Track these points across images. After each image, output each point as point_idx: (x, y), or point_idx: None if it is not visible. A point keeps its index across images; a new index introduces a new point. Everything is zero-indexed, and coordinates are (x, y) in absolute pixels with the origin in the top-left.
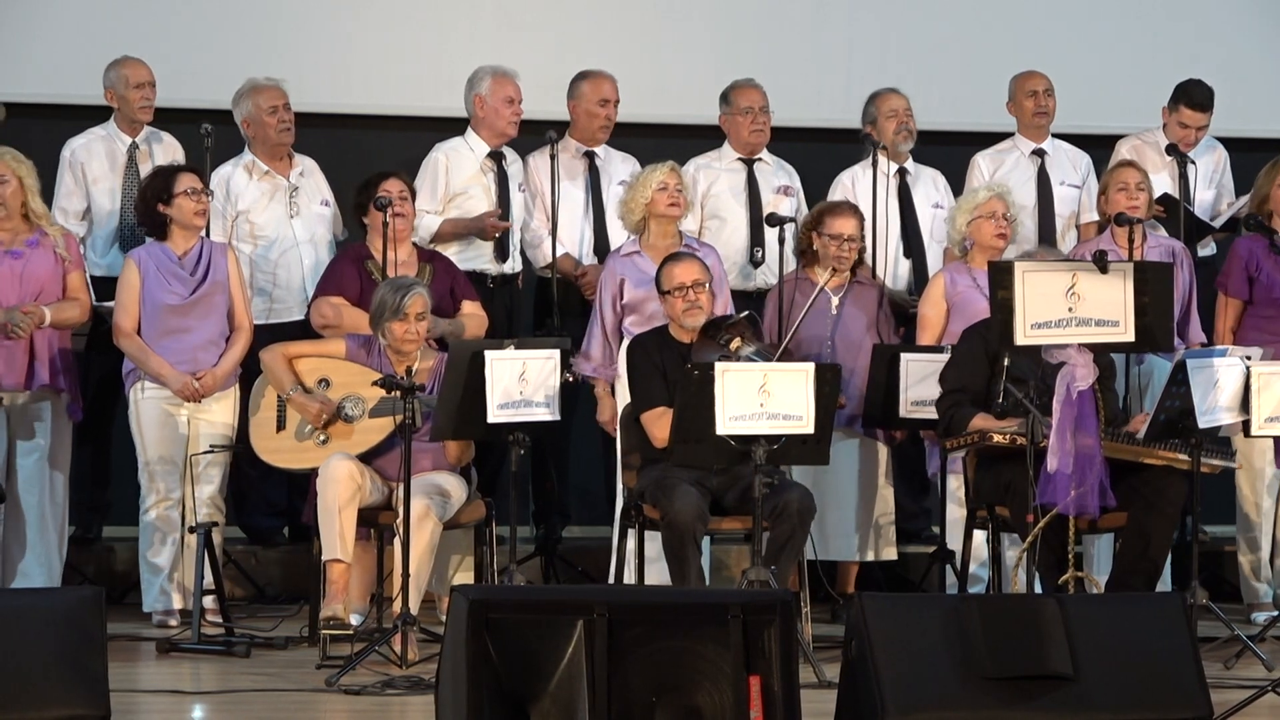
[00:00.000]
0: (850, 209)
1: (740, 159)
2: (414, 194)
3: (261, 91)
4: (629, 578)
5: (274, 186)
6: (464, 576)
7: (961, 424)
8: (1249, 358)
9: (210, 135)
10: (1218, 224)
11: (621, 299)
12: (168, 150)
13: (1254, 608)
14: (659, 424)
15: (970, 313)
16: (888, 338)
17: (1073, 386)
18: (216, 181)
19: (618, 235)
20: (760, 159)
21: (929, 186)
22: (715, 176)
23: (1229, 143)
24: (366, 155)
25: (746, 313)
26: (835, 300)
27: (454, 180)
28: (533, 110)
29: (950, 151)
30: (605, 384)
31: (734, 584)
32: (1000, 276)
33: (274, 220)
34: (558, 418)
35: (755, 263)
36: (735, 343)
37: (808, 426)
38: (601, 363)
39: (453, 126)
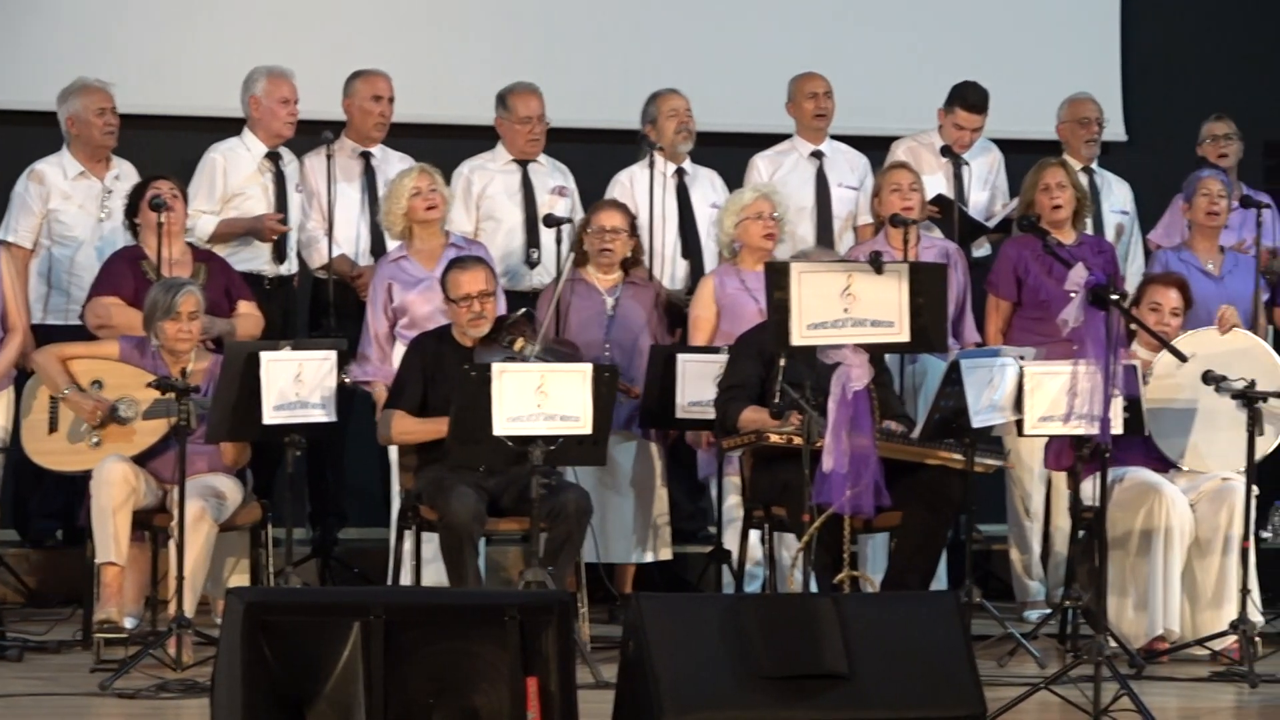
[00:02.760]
0: (616, 204)
1: (515, 160)
2: (186, 195)
3: (91, 92)
4: (406, 579)
5: (88, 188)
6: (240, 579)
7: (735, 417)
8: (1022, 358)
9: None
10: (992, 225)
11: (391, 303)
12: None
13: (1026, 605)
14: (394, 422)
15: (740, 314)
16: (662, 338)
17: (848, 386)
18: (31, 178)
19: None
20: (535, 160)
21: (707, 187)
22: (490, 178)
23: (1003, 144)
24: (139, 156)
25: (523, 310)
26: (610, 301)
27: (231, 181)
28: (309, 110)
29: (728, 153)
30: (382, 386)
31: (511, 585)
32: (776, 277)
33: (83, 221)
34: (334, 419)
35: (531, 264)
36: (519, 343)
37: (585, 427)
38: (377, 365)
39: (231, 127)
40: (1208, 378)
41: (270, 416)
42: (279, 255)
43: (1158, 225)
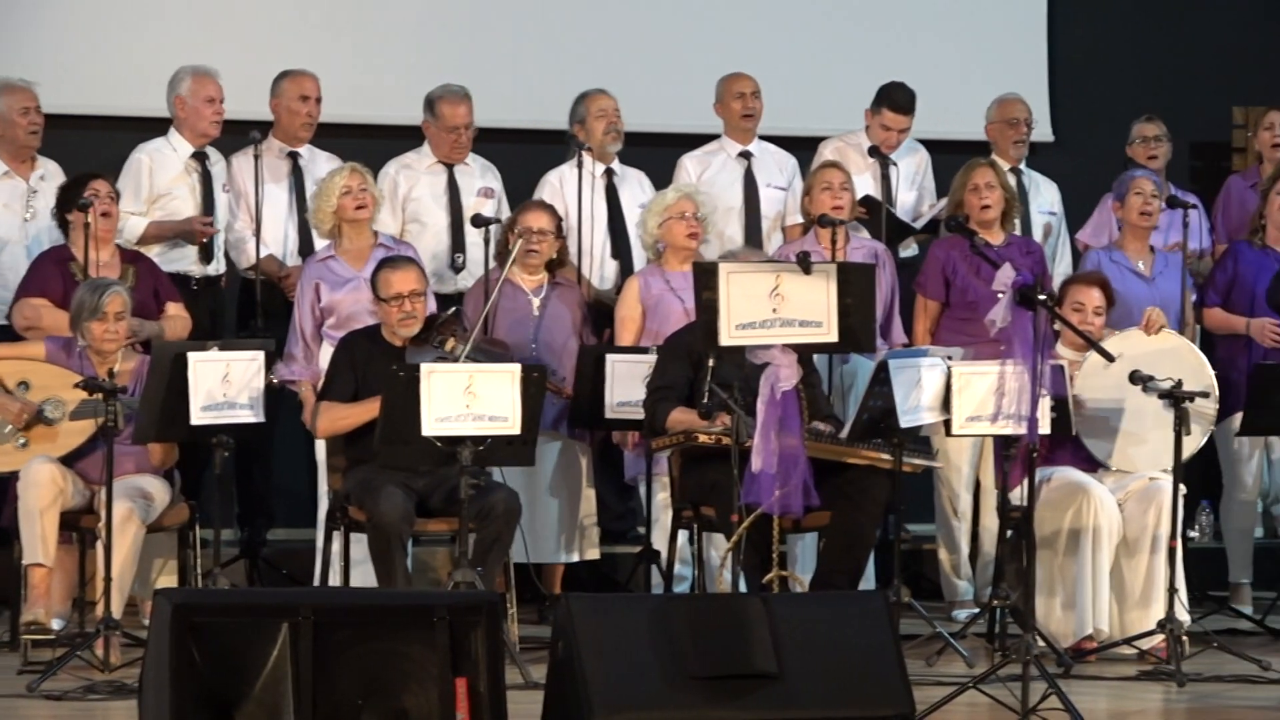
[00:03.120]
0: (543, 205)
1: (440, 162)
2: (118, 195)
3: (15, 92)
4: (334, 580)
5: (13, 188)
6: (167, 580)
7: (663, 418)
8: (950, 358)
9: None
10: (919, 225)
11: (319, 302)
12: None
13: (955, 605)
14: (325, 411)
15: (666, 314)
16: (590, 339)
17: (777, 387)
18: None
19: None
20: (462, 161)
21: (636, 187)
22: (416, 179)
23: (930, 145)
24: (64, 156)
25: (452, 309)
26: (537, 302)
27: (158, 181)
28: (235, 110)
29: (657, 153)
30: (308, 385)
31: (440, 586)
32: (705, 278)
33: (8, 221)
34: (262, 419)
35: (456, 268)
36: (450, 343)
37: (514, 428)
38: (303, 365)
39: (158, 127)
40: (1135, 378)
41: (198, 417)
42: (206, 256)
43: (1086, 225)
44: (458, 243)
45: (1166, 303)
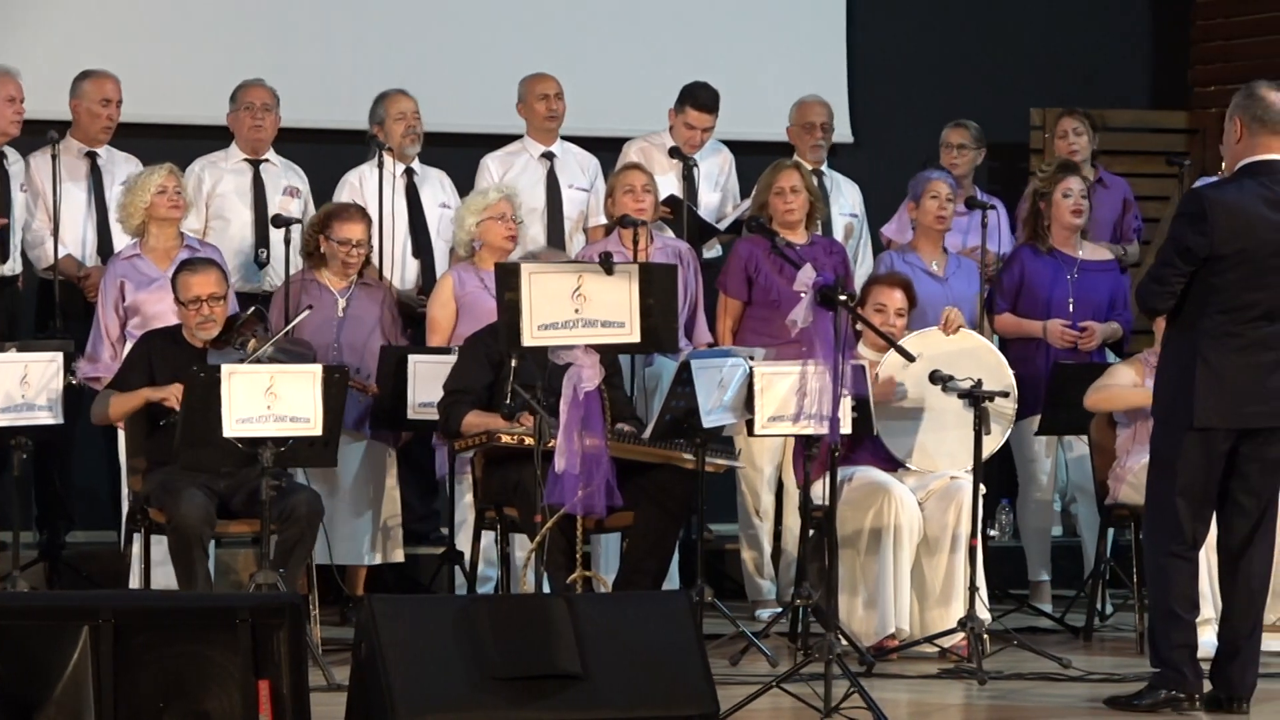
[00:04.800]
0: (359, 212)
1: (246, 159)
2: None
3: None
4: (135, 582)
5: None
6: None
7: (457, 422)
8: (753, 358)
9: None
10: (723, 226)
11: (124, 302)
12: None
13: (758, 604)
14: (113, 403)
15: (479, 313)
16: (395, 339)
17: (579, 387)
18: None
19: (121, 236)
20: (267, 160)
21: (436, 187)
22: (220, 176)
23: (734, 145)
24: None
25: (253, 308)
26: (343, 303)
27: None
28: (34, 110)
29: (459, 153)
30: None
31: (242, 588)
32: (507, 278)
33: None
34: (61, 421)
35: (260, 264)
36: (251, 343)
37: (315, 429)
38: (108, 365)
39: None
40: (935, 378)
41: None
42: (1, 255)
43: (890, 223)
44: (262, 239)
45: (959, 303)
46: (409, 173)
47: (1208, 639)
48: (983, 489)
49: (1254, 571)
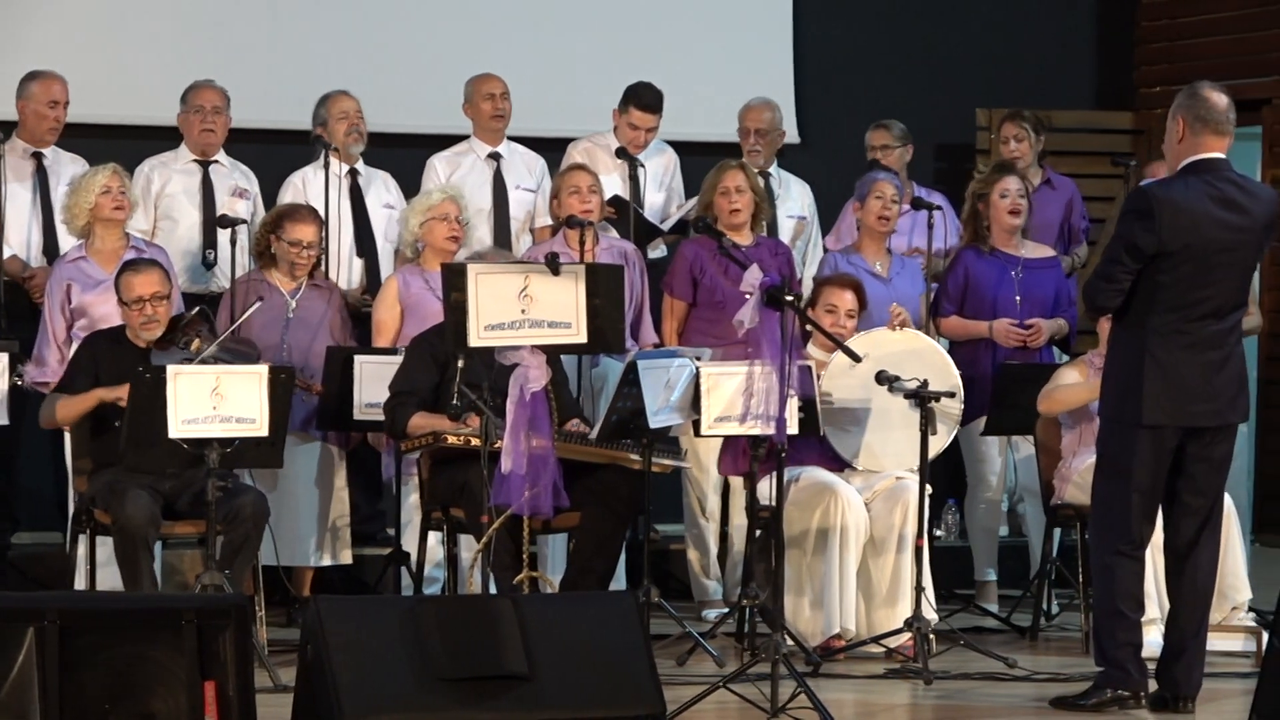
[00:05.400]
0: (310, 214)
1: (195, 160)
2: None
3: None
4: (81, 584)
5: None
6: None
7: (403, 423)
8: (699, 358)
9: None
10: (667, 226)
11: (70, 303)
12: None
13: (704, 605)
14: (60, 406)
15: (424, 314)
16: (342, 340)
17: (526, 388)
18: None
19: (66, 238)
20: (217, 161)
21: (381, 188)
22: (169, 177)
23: (678, 146)
24: None
25: (198, 309)
26: (292, 304)
27: None
28: None
29: (405, 154)
30: None
31: (188, 589)
32: (453, 278)
33: None
34: (6, 422)
35: (208, 265)
36: (196, 344)
37: (261, 429)
38: (55, 367)
39: None
40: (881, 378)
41: None
42: None
43: (838, 223)
44: (210, 240)
45: (904, 304)
46: (353, 173)
47: (1153, 639)
48: (929, 489)
49: (1201, 572)
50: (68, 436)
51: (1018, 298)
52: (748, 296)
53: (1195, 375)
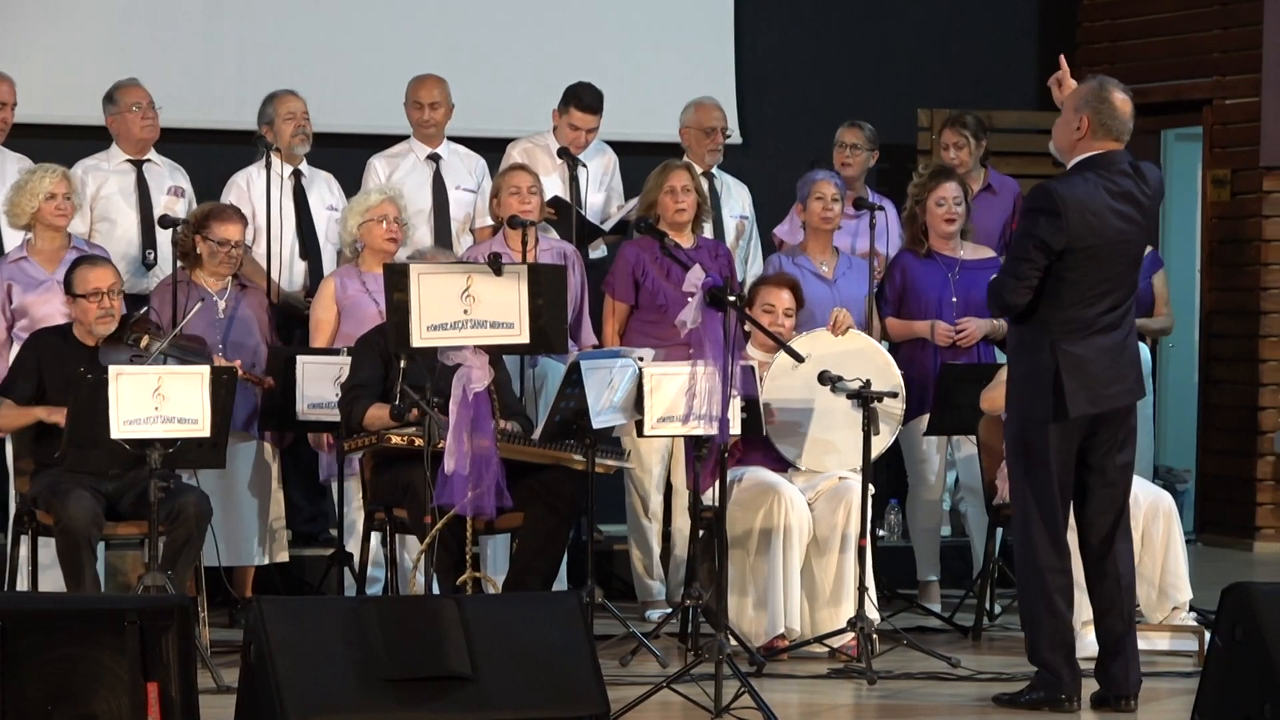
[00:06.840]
0: (235, 213)
1: (129, 160)
2: None
3: None
4: (23, 585)
5: None
6: None
7: (360, 416)
8: (642, 359)
9: None
10: (608, 227)
11: (10, 305)
12: None
13: (648, 605)
14: (2, 414)
15: (360, 316)
16: (271, 340)
17: (468, 388)
18: None
19: (9, 234)
20: (150, 160)
21: (324, 189)
22: (104, 178)
23: (618, 146)
24: None
25: (145, 308)
26: (223, 304)
27: None
28: None
29: (346, 154)
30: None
31: (131, 590)
32: (396, 279)
33: None
34: None
35: (148, 265)
36: (144, 340)
37: (204, 430)
38: None
39: None
40: (823, 378)
41: None
42: None
43: (783, 224)
44: (148, 240)
45: (848, 304)
46: (297, 174)
47: (1090, 639)
48: (871, 489)
49: (1121, 568)
50: (9, 437)
51: (954, 299)
52: (690, 297)
53: (1104, 361)
